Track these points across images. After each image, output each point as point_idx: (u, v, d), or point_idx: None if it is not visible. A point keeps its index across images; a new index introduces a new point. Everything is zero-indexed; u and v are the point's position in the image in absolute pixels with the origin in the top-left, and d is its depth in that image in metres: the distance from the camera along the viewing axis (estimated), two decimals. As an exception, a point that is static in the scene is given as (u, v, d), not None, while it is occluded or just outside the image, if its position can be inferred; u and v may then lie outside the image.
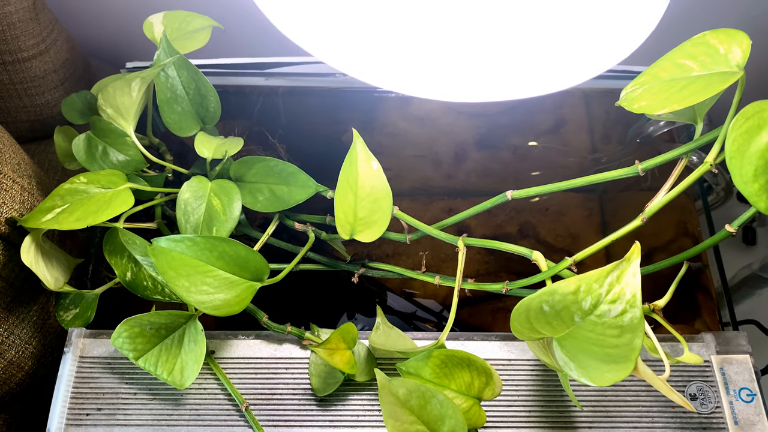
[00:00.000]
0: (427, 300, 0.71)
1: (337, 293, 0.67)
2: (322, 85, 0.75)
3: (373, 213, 0.53)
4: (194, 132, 0.60)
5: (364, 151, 0.53)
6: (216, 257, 0.49)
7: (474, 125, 0.82)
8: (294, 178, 0.56)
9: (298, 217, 0.61)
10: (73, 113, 0.61)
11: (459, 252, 0.53)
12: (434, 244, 0.68)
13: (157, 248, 0.48)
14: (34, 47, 0.79)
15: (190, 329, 0.52)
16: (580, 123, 0.81)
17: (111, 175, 0.54)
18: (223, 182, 0.56)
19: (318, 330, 0.57)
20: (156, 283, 0.54)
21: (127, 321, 0.52)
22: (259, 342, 0.56)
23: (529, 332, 0.44)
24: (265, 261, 0.50)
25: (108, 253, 0.55)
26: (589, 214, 0.78)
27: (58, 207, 0.52)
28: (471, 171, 0.80)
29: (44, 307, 0.63)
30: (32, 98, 0.83)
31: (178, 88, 0.58)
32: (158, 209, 0.62)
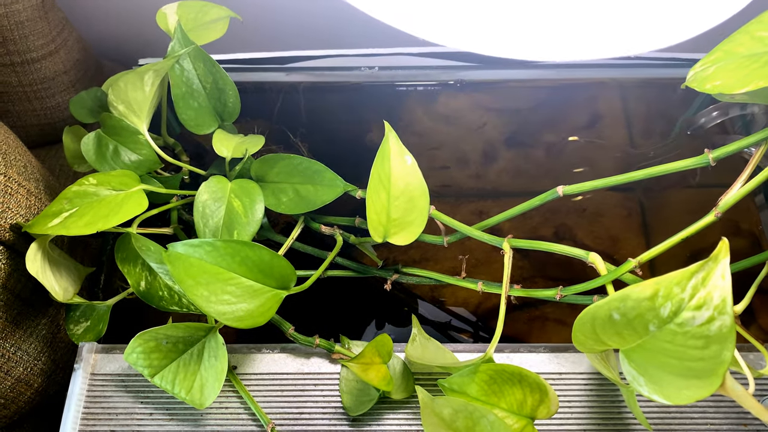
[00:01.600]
0: (458, 308, 0.66)
1: (362, 301, 0.63)
2: (345, 80, 0.70)
3: (409, 213, 0.48)
4: (212, 129, 0.56)
5: (397, 145, 0.48)
6: (238, 263, 0.44)
7: (504, 122, 0.77)
8: (320, 176, 0.52)
9: (325, 219, 0.56)
10: (82, 112, 0.57)
11: (505, 255, 0.48)
12: (464, 248, 0.64)
13: (173, 254, 0.44)
14: (43, 47, 0.76)
15: (210, 343, 0.48)
16: (617, 117, 0.76)
17: (123, 176, 0.50)
18: (244, 182, 0.51)
19: (349, 342, 0.52)
20: (172, 293, 0.50)
21: (141, 335, 0.47)
22: (284, 356, 0.52)
23: (594, 343, 0.39)
24: (291, 267, 0.46)
25: (120, 260, 0.51)
26: (629, 214, 0.73)
27: (66, 211, 0.48)
28: (502, 171, 0.75)
29: (53, 320, 0.59)
30: (42, 101, 0.79)
31: (194, 81, 0.54)
32: (174, 213, 0.58)
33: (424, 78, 0.70)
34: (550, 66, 0.73)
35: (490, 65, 0.72)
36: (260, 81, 0.69)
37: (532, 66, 0.73)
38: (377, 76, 0.68)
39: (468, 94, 0.76)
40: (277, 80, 0.69)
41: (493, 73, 0.72)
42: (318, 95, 0.72)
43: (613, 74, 0.77)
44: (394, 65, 0.67)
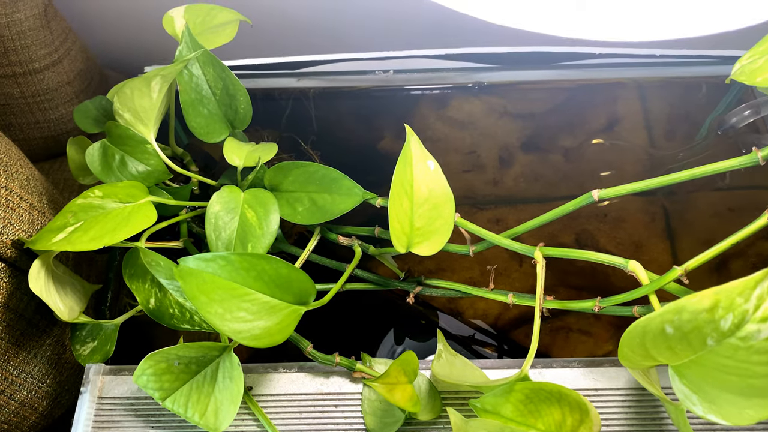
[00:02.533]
0: (477, 320, 0.63)
1: (378, 314, 0.60)
2: (358, 85, 0.68)
3: (433, 221, 0.45)
4: (222, 137, 0.53)
5: (420, 149, 0.46)
6: (254, 278, 0.42)
7: (519, 127, 0.74)
8: (337, 184, 0.49)
9: (342, 229, 0.53)
10: (86, 121, 0.54)
11: (537, 265, 0.45)
12: (480, 257, 0.61)
13: (184, 270, 0.41)
14: (46, 57, 0.74)
15: (224, 363, 0.45)
16: (636, 119, 0.73)
17: (130, 187, 0.47)
18: (257, 192, 0.49)
19: (370, 360, 0.49)
20: (184, 310, 0.47)
21: (151, 356, 0.44)
22: (302, 375, 0.49)
23: (642, 359, 0.36)
24: (310, 280, 0.43)
25: (128, 277, 0.48)
26: (652, 220, 0.70)
27: (71, 225, 0.45)
28: (519, 176, 0.72)
29: (59, 340, 0.56)
30: (45, 113, 0.77)
31: (203, 87, 0.51)
32: (184, 226, 0.55)
33: (439, 81, 0.68)
34: (567, 66, 0.71)
35: (508, 66, 0.70)
36: (270, 87, 0.67)
37: (550, 66, 0.70)
38: (391, 79, 0.66)
39: (483, 98, 0.74)
40: (287, 86, 0.66)
41: (510, 75, 0.70)
42: (329, 101, 0.70)
43: (632, 74, 0.74)
44: (408, 68, 0.65)
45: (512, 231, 0.48)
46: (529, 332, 0.64)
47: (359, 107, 0.70)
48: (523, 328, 0.64)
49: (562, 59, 0.67)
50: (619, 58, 0.67)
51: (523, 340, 0.63)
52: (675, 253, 0.67)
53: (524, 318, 0.63)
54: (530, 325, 0.64)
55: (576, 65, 0.70)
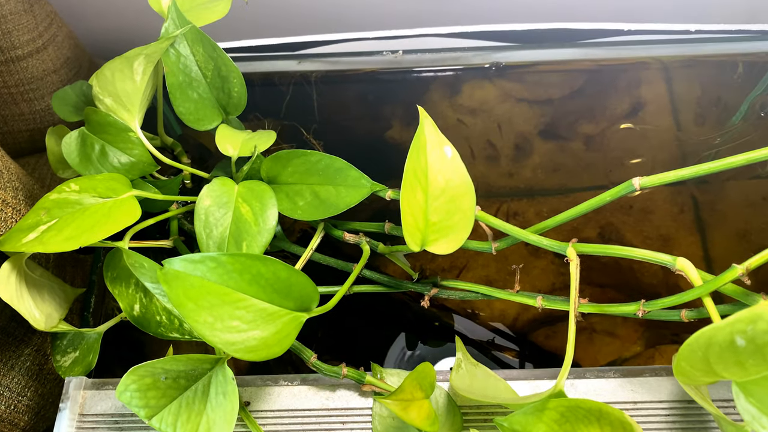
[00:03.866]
0: (494, 322, 0.58)
1: (386, 316, 0.55)
2: (364, 68, 0.62)
3: (450, 215, 0.40)
4: (214, 124, 0.48)
5: (435, 134, 0.40)
6: (248, 282, 0.36)
7: (536, 114, 0.69)
8: (342, 175, 0.44)
9: (348, 225, 0.48)
10: (66, 109, 0.49)
11: (571, 264, 0.40)
12: (499, 255, 0.56)
13: (169, 273, 0.36)
14: (29, 43, 0.68)
15: (217, 377, 0.40)
16: (662, 103, 0.68)
17: (110, 180, 0.42)
18: (253, 184, 0.43)
19: (381, 371, 0.44)
20: (172, 318, 0.42)
21: (134, 370, 0.39)
22: (305, 389, 0.44)
23: (702, 374, 0.30)
24: (312, 284, 0.38)
25: (110, 280, 0.43)
26: (681, 211, 0.65)
27: (43, 224, 0.40)
28: (537, 167, 0.67)
29: (39, 349, 0.51)
30: (30, 104, 0.72)
31: (192, 68, 0.46)
32: (174, 223, 0.50)
33: (453, 62, 0.62)
34: (592, 44, 0.65)
35: (529, 45, 0.64)
36: (268, 71, 0.62)
37: (573, 44, 0.65)
38: (400, 61, 0.60)
39: (498, 83, 0.68)
40: (287, 69, 0.61)
41: (531, 54, 0.64)
42: (333, 86, 0.64)
43: (659, 52, 0.69)
44: (420, 48, 0.59)
45: (540, 225, 0.43)
46: (550, 334, 0.59)
47: (365, 92, 0.65)
48: (544, 330, 0.59)
49: (586, 36, 0.61)
50: (648, 35, 0.61)
51: (544, 343, 0.58)
52: (706, 247, 0.62)
53: (545, 318, 0.58)
54: (552, 326, 0.59)
55: (601, 43, 0.64)
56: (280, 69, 0.61)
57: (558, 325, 0.58)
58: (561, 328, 0.58)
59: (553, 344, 0.58)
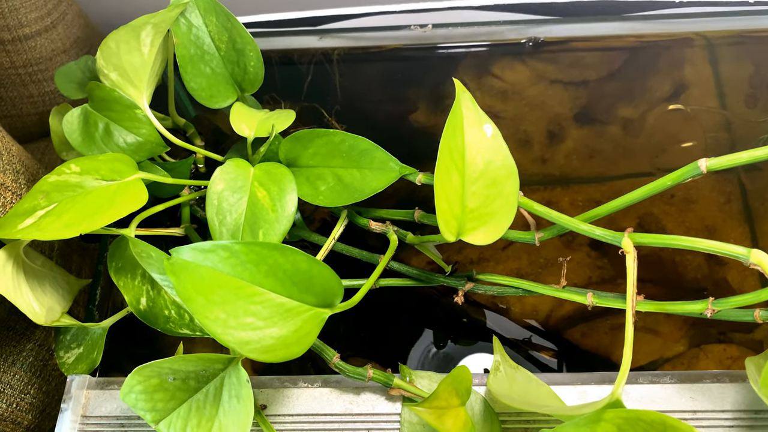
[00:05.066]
0: (527, 318, 0.53)
1: (409, 311, 0.51)
2: (389, 44, 0.58)
3: (490, 201, 0.36)
4: (228, 102, 0.44)
5: (474, 110, 0.36)
6: (265, 273, 0.33)
7: (571, 96, 0.64)
8: (368, 157, 0.40)
9: (373, 213, 0.44)
10: (70, 86, 0.46)
11: (627, 256, 0.35)
12: (529, 247, 0.52)
13: (177, 263, 0.32)
14: (37, 21, 0.65)
15: (230, 378, 0.36)
16: (706, 85, 0.63)
17: (115, 161, 0.38)
18: (270, 166, 0.39)
19: (410, 373, 0.40)
20: (182, 312, 0.38)
21: (140, 370, 0.36)
22: (327, 392, 0.40)
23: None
24: (336, 276, 0.34)
25: (115, 271, 0.39)
26: (727, 200, 0.60)
27: (41, 208, 0.36)
28: (571, 153, 0.62)
29: (43, 344, 0.48)
30: (39, 85, 0.69)
31: (204, 40, 0.42)
32: (186, 210, 0.46)
33: (486, 37, 0.58)
34: (638, 18, 0.60)
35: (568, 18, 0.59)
36: (287, 48, 0.57)
37: (617, 18, 0.60)
38: (429, 36, 0.56)
39: (531, 63, 0.63)
40: (308, 46, 0.57)
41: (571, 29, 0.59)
42: (356, 65, 0.60)
43: (707, 27, 0.63)
44: (451, 22, 0.55)
45: (591, 213, 0.38)
46: (587, 331, 0.54)
47: (390, 72, 0.61)
48: (579, 327, 0.54)
49: (633, 9, 0.56)
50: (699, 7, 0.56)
51: (580, 341, 0.54)
52: (755, 238, 0.57)
53: (579, 314, 0.54)
54: (588, 323, 0.54)
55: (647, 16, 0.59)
56: (300, 46, 0.57)
57: (595, 322, 0.54)
58: (598, 325, 0.53)
59: (590, 343, 0.53)
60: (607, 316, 0.55)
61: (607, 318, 0.54)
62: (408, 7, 0.52)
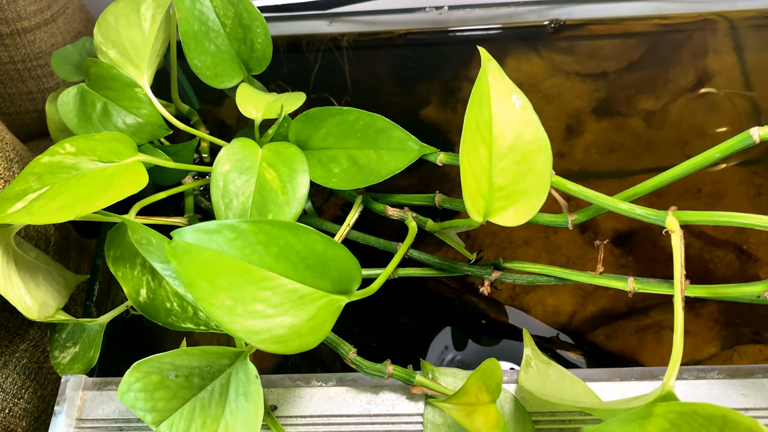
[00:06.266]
0: (549, 319, 0.50)
1: (421, 311, 0.48)
2: (402, 28, 0.55)
3: (521, 178, 0.33)
4: (234, 82, 0.41)
5: (501, 80, 0.33)
6: (275, 256, 0.29)
7: (589, 89, 0.61)
8: (385, 137, 0.37)
9: (390, 198, 0.41)
10: (67, 68, 0.43)
11: (673, 236, 0.32)
12: (549, 245, 0.50)
13: (179, 246, 0.29)
14: (37, 14, 0.63)
15: (237, 375, 0.33)
16: (732, 74, 0.60)
17: (112, 140, 0.35)
18: (280, 146, 0.37)
19: (433, 370, 0.36)
20: (185, 304, 0.35)
21: (139, 365, 0.32)
22: (343, 391, 0.37)
23: None
24: (354, 258, 0.31)
25: (113, 260, 0.36)
26: (758, 193, 0.57)
27: (33, 191, 0.34)
28: (590, 146, 0.59)
29: (38, 345, 0.45)
30: (38, 81, 0.66)
31: (209, 16, 0.40)
32: (189, 199, 0.44)
33: (506, 20, 0.55)
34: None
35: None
36: (295, 34, 0.55)
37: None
38: (445, 19, 0.53)
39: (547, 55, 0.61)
40: (317, 32, 0.54)
41: (596, 9, 0.56)
42: (366, 53, 0.57)
43: (724, 7, 0.61)
44: (468, 3, 0.52)
45: (630, 192, 0.35)
46: (611, 333, 0.51)
47: (403, 60, 0.58)
48: (603, 329, 0.51)
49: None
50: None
51: (604, 343, 0.50)
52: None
53: (603, 316, 0.50)
54: (612, 325, 0.51)
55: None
56: (309, 31, 0.54)
57: (619, 323, 0.51)
58: (623, 326, 0.50)
59: (615, 345, 0.50)
60: (632, 317, 0.51)
61: (633, 319, 0.51)
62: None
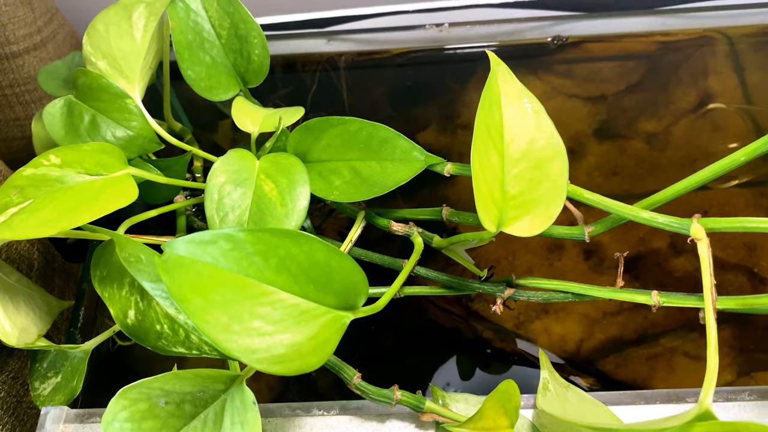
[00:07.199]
0: (555, 348, 0.48)
1: (420, 340, 0.45)
2: (402, 47, 0.54)
3: (535, 185, 0.31)
4: (230, 94, 0.40)
5: (512, 83, 0.32)
6: (275, 268, 0.27)
7: (590, 111, 0.60)
8: (389, 147, 0.35)
9: (394, 213, 0.39)
10: (55, 84, 0.41)
11: (699, 244, 0.30)
12: (551, 271, 0.48)
13: (171, 259, 0.27)
14: (26, 39, 0.61)
15: (233, 402, 0.30)
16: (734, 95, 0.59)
17: (101, 152, 0.33)
18: (278, 157, 0.35)
19: (443, 395, 0.34)
20: (176, 327, 0.33)
21: (125, 392, 0.30)
22: (346, 420, 0.34)
23: None
24: (360, 270, 0.28)
25: (99, 280, 0.34)
26: (766, 215, 0.56)
27: (14, 205, 0.31)
28: (593, 169, 0.58)
29: (17, 377, 0.42)
30: (26, 107, 0.65)
31: (203, 27, 0.38)
32: (182, 219, 0.41)
33: (507, 37, 0.54)
34: (671, 12, 0.57)
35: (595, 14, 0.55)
36: (292, 53, 0.54)
37: (649, 12, 0.56)
38: (445, 37, 0.52)
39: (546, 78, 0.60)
40: (315, 51, 0.53)
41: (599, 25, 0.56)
42: (364, 73, 0.56)
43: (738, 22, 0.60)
44: (469, 20, 0.51)
45: (650, 200, 0.33)
46: (621, 362, 0.49)
47: (401, 80, 0.57)
48: (613, 357, 0.49)
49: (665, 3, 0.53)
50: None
51: (614, 372, 0.48)
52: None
53: (612, 344, 0.48)
54: (621, 353, 0.49)
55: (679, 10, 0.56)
56: (306, 50, 0.53)
57: (629, 351, 0.49)
58: (633, 355, 0.48)
59: (626, 374, 0.48)
60: (642, 344, 0.49)
61: (643, 347, 0.49)
62: (421, 6, 0.49)
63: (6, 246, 0.40)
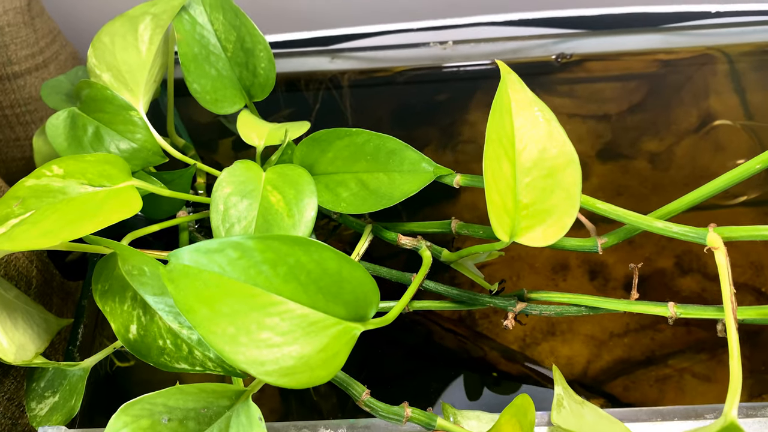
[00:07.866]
0: (563, 373, 0.47)
1: (420, 360, 0.44)
2: (406, 65, 0.54)
3: (547, 195, 0.30)
4: (235, 108, 0.39)
5: (522, 92, 0.31)
6: (284, 277, 0.26)
7: (593, 132, 0.60)
8: (397, 159, 0.35)
9: (402, 227, 0.38)
10: (57, 98, 0.41)
11: (716, 253, 0.29)
12: (552, 281, 0.47)
13: (176, 268, 0.26)
14: (28, 59, 0.61)
15: (238, 418, 0.29)
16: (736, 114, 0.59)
17: (104, 163, 0.33)
18: (285, 168, 0.34)
19: (454, 413, 0.33)
20: (179, 342, 0.32)
21: (127, 408, 0.29)
22: (355, 437, 0.33)
23: None
24: (371, 279, 0.28)
25: (101, 294, 0.33)
26: (772, 233, 0.55)
27: (15, 216, 0.31)
28: (596, 190, 0.58)
29: (12, 398, 0.41)
30: (27, 127, 0.64)
31: (210, 40, 0.38)
32: (184, 235, 0.41)
33: (512, 54, 0.54)
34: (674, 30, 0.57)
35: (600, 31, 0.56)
36: (294, 71, 0.53)
37: (653, 30, 0.56)
38: (449, 55, 0.52)
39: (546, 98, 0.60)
40: (318, 69, 0.53)
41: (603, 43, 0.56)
42: (368, 92, 0.56)
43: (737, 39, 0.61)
44: (473, 38, 0.51)
45: (664, 210, 0.33)
46: (630, 384, 0.48)
47: (404, 98, 0.56)
48: (621, 380, 0.48)
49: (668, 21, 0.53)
50: (739, 17, 0.53)
51: (623, 395, 0.47)
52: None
53: (620, 366, 0.47)
54: (628, 375, 0.48)
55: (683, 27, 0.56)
56: (310, 68, 0.53)
57: (637, 374, 0.48)
58: (641, 377, 0.47)
59: (635, 396, 0.47)
60: (650, 366, 0.48)
61: (651, 368, 0.48)
62: (425, 25, 0.49)
63: (5, 262, 0.39)
